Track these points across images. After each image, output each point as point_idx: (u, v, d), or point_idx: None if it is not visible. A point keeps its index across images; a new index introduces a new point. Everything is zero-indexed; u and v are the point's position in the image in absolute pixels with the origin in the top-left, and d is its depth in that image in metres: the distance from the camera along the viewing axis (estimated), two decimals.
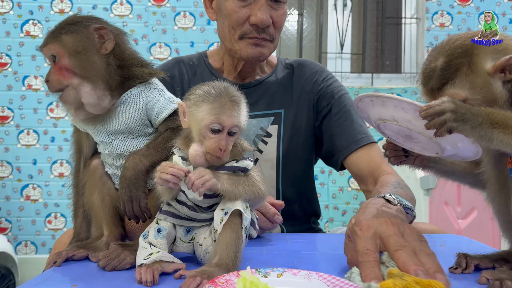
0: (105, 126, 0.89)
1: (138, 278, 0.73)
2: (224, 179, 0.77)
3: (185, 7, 3.03)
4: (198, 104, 0.78)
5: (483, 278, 0.75)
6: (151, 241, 0.81)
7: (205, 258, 0.82)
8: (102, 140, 0.90)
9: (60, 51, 0.84)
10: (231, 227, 0.76)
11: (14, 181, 2.96)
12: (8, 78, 2.98)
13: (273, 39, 1.22)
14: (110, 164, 0.92)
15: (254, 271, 0.72)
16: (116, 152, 0.90)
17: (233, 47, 1.22)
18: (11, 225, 2.97)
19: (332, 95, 1.29)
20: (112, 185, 0.93)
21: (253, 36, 1.19)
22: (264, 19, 1.16)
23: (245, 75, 1.31)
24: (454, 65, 0.76)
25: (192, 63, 1.34)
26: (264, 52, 1.22)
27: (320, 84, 1.31)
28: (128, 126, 0.89)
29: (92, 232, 0.94)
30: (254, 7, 1.17)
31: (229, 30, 1.21)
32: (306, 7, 3.29)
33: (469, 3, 3.08)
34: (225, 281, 0.67)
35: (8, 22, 2.98)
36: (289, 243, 1.05)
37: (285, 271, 0.73)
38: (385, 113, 0.73)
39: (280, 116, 1.28)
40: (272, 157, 1.27)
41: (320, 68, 1.35)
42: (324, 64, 3.18)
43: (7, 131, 2.97)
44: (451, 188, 2.15)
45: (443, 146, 0.74)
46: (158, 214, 0.84)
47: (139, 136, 0.91)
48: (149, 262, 0.77)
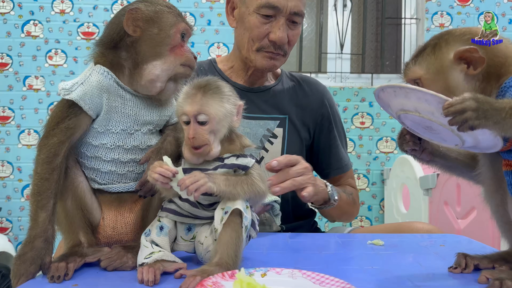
0: (138, 113, 0.87)
1: (139, 278, 0.73)
2: (221, 180, 0.77)
3: (186, 8, 3.03)
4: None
5: (483, 278, 0.75)
6: (154, 239, 0.81)
7: (205, 257, 0.82)
8: (124, 129, 0.86)
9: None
10: (231, 227, 0.76)
11: (15, 181, 2.97)
12: (9, 78, 2.98)
13: (285, 54, 1.33)
14: (109, 160, 0.87)
15: (237, 271, 0.70)
16: (133, 144, 0.87)
17: (249, 56, 1.31)
18: (12, 225, 2.97)
19: (335, 120, 1.44)
20: (85, 188, 0.87)
21: (270, 51, 1.29)
22: (282, 37, 1.27)
23: (254, 80, 1.39)
24: (425, 45, 0.80)
25: (202, 68, 1.39)
26: (277, 64, 1.33)
27: (327, 107, 1.43)
28: (161, 118, 0.91)
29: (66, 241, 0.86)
30: (275, 26, 1.27)
31: (248, 41, 1.30)
32: (306, 7, 3.28)
33: (468, 4, 3.08)
34: (213, 283, 0.67)
35: (9, 23, 2.98)
36: (289, 243, 1.06)
37: (268, 270, 0.73)
38: (407, 104, 0.73)
39: (285, 121, 1.37)
40: (276, 156, 1.32)
41: (325, 90, 1.49)
42: (324, 65, 3.18)
43: (8, 131, 2.97)
44: (451, 188, 2.15)
45: (464, 139, 0.74)
46: (160, 211, 0.84)
47: (157, 131, 0.92)
48: (151, 262, 0.76)
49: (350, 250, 1.03)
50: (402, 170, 2.69)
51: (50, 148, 0.81)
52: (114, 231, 0.88)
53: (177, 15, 0.90)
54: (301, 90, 1.43)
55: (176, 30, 0.88)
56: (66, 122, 0.82)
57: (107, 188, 0.89)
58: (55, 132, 0.81)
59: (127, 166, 0.88)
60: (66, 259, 0.79)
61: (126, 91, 0.86)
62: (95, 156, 0.87)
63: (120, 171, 0.88)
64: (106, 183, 0.89)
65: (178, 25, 0.89)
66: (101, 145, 0.87)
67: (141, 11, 0.86)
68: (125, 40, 0.86)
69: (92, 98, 0.83)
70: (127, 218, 0.89)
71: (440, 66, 0.77)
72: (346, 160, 1.44)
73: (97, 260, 0.82)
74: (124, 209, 0.90)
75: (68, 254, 0.81)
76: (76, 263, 0.79)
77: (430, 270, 0.83)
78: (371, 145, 3.04)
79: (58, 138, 0.81)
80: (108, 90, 0.85)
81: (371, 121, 3.03)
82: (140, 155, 0.89)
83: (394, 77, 3.22)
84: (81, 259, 0.81)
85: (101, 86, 0.84)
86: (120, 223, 0.89)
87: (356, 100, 3.04)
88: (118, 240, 0.89)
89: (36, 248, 0.77)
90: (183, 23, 0.90)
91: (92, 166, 0.88)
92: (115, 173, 0.88)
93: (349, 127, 3.00)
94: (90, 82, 0.84)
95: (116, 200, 0.90)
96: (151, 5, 0.88)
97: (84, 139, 0.87)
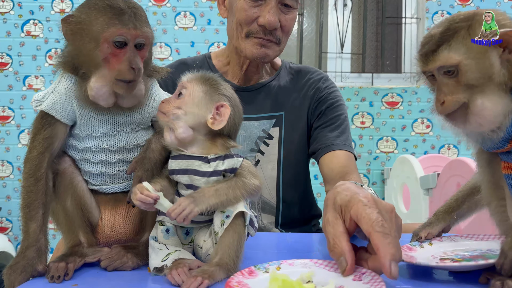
0: (116, 115, 0.84)
1: (173, 282, 0.72)
2: (209, 195, 0.75)
3: (186, 7, 3.03)
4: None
5: (483, 278, 0.75)
6: (164, 242, 0.80)
7: (206, 260, 0.81)
8: (105, 132, 0.84)
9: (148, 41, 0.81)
10: (233, 228, 0.76)
11: (15, 181, 2.97)
12: (8, 78, 2.98)
13: (279, 42, 1.23)
14: (98, 162, 0.86)
15: (253, 268, 0.73)
16: (118, 145, 0.85)
17: (239, 45, 1.23)
18: (12, 224, 2.97)
19: (332, 103, 1.30)
20: (84, 188, 0.87)
21: (259, 37, 1.20)
22: (272, 21, 1.17)
23: (250, 75, 1.32)
24: (453, 28, 0.73)
25: (195, 65, 1.34)
26: (269, 54, 1.23)
27: (322, 91, 1.32)
28: (142, 117, 0.87)
29: (66, 241, 0.86)
30: (264, 9, 1.19)
31: (236, 27, 1.22)
32: (307, 7, 3.29)
33: (469, 3, 3.08)
34: (237, 283, 0.68)
35: (9, 22, 2.98)
36: (289, 243, 1.05)
37: (280, 263, 0.74)
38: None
39: (281, 119, 1.30)
40: (273, 158, 1.28)
41: (325, 76, 1.37)
42: (324, 64, 3.18)
43: (8, 131, 2.97)
44: (451, 187, 2.15)
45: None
46: (158, 216, 0.83)
47: (143, 129, 0.88)
48: (170, 262, 0.76)
49: None
50: (403, 169, 2.69)
51: (31, 161, 0.81)
52: (112, 231, 0.88)
53: (112, 17, 0.76)
54: (299, 79, 1.35)
55: (103, 39, 0.76)
56: (42, 133, 0.81)
57: (101, 189, 0.88)
58: (34, 145, 0.81)
59: (117, 167, 0.87)
60: (66, 259, 0.78)
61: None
62: (84, 158, 0.86)
63: (110, 172, 0.87)
64: (100, 184, 0.88)
65: (106, 31, 0.76)
66: (86, 149, 0.86)
67: (74, 17, 0.79)
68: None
69: (62, 106, 0.82)
70: (125, 218, 0.89)
71: (480, 49, 0.71)
72: (347, 141, 1.27)
73: (97, 260, 0.82)
74: (122, 208, 0.89)
75: (68, 254, 0.81)
76: (76, 263, 0.79)
77: (430, 269, 0.83)
78: (371, 144, 3.03)
79: (37, 150, 0.81)
80: (78, 96, 0.82)
81: (372, 121, 3.03)
82: (128, 154, 0.87)
83: (394, 76, 3.22)
84: (81, 259, 0.81)
85: (69, 93, 0.82)
86: (118, 223, 0.88)
87: (356, 100, 3.04)
88: (117, 240, 0.88)
89: (28, 257, 0.77)
90: (115, 28, 0.76)
91: (83, 168, 0.87)
92: (106, 174, 0.87)
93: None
94: (59, 90, 0.83)
95: (112, 200, 0.89)
96: (85, 9, 0.79)
97: (70, 143, 0.86)
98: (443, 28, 0.74)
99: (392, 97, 3.04)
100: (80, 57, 0.79)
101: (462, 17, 0.73)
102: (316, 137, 1.29)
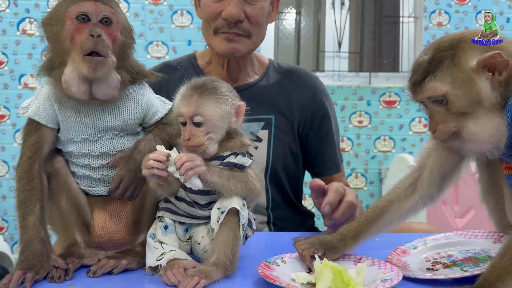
0: (96, 120, 0.83)
1: (169, 283, 0.72)
2: (215, 171, 0.77)
3: (182, 6, 3.02)
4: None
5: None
6: (161, 239, 0.80)
7: (203, 256, 0.82)
8: (86, 137, 0.84)
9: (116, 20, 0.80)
10: (228, 226, 0.76)
11: (10, 180, 2.95)
12: (4, 76, 2.96)
13: (249, 35, 1.19)
14: (82, 165, 0.86)
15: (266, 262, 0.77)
16: (100, 150, 0.85)
17: (209, 43, 1.22)
18: (8, 224, 2.95)
19: (325, 115, 1.32)
20: (78, 187, 0.88)
21: (225, 31, 1.17)
22: (233, 13, 1.14)
23: (235, 74, 1.29)
24: (438, 58, 0.73)
25: (180, 67, 1.33)
26: (239, 48, 1.19)
27: (317, 102, 1.31)
28: (125, 123, 0.86)
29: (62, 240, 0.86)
30: (226, 2, 1.15)
31: (205, 25, 1.21)
32: (304, 6, 3.28)
33: (466, 2, 3.08)
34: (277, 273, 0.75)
35: (4, 20, 2.96)
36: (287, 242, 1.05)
37: (282, 256, 0.82)
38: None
39: (270, 122, 1.28)
40: (261, 161, 1.26)
41: (317, 81, 1.35)
42: (321, 63, 3.17)
43: (4, 130, 2.96)
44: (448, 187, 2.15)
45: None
46: (158, 212, 0.83)
47: (128, 134, 0.87)
48: (164, 262, 0.76)
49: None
50: (400, 169, 2.68)
51: (22, 166, 0.82)
52: (103, 230, 0.88)
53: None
54: (289, 83, 1.31)
55: (67, 17, 0.77)
56: (30, 139, 0.83)
57: (88, 190, 0.89)
58: (23, 151, 0.83)
59: (101, 171, 0.87)
60: (64, 259, 0.78)
61: (76, 100, 0.82)
62: (70, 160, 0.87)
63: (94, 176, 0.87)
64: (87, 186, 0.88)
65: (69, 9, 0.78)
66: (70, 152, 0.86)
67: (47, 14, 0.82)
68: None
69: (46, 111, 0.83)
70: (116, 217, 0.88)
71: (466, 78, 0.71)
72: (340, 159, 1.35)
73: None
74: (113, 207, 0.89)
75: (65, 255, 0.81)
76: (74, 264, 0.79)
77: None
78: (369, 144, 3.03)
79: (27, 155, 0.83)
80: (59, 100, 0.83)
81: (369, 120, 3.03)
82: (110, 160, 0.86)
83: (392, 75, 3.22)
84: (79, 260, 0.81)
85: (50, 97, 0.83)
86: (109, 222, 0.88)
87: (354, 99, 3.03)
88: (109, 239, 0.88)
89: (35, 249, 0.76)
90: (76, 5, 0.78)
91: (72, 170, 0.88)
92: (90, 178, 0.87)
93: (347, 126, 3.00)
94: (41, 95, 0.84)
95: (101, 199, 0.89)
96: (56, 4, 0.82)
97: (58, 146, 0.87)
98: (429, 56, 0.74)
99: (389, 96, 3.04)
100: (53, 44, 0.81)
101: (447, 45, 0.74)
102: (316, 152, 1.31)
